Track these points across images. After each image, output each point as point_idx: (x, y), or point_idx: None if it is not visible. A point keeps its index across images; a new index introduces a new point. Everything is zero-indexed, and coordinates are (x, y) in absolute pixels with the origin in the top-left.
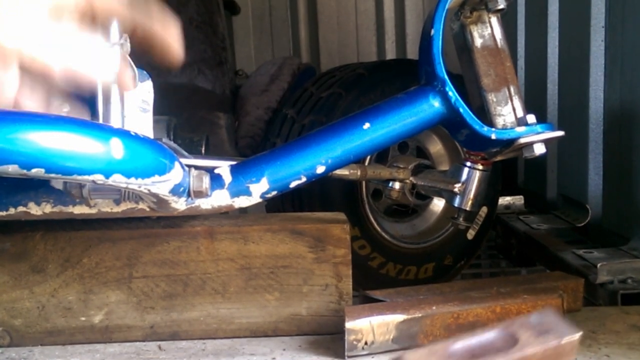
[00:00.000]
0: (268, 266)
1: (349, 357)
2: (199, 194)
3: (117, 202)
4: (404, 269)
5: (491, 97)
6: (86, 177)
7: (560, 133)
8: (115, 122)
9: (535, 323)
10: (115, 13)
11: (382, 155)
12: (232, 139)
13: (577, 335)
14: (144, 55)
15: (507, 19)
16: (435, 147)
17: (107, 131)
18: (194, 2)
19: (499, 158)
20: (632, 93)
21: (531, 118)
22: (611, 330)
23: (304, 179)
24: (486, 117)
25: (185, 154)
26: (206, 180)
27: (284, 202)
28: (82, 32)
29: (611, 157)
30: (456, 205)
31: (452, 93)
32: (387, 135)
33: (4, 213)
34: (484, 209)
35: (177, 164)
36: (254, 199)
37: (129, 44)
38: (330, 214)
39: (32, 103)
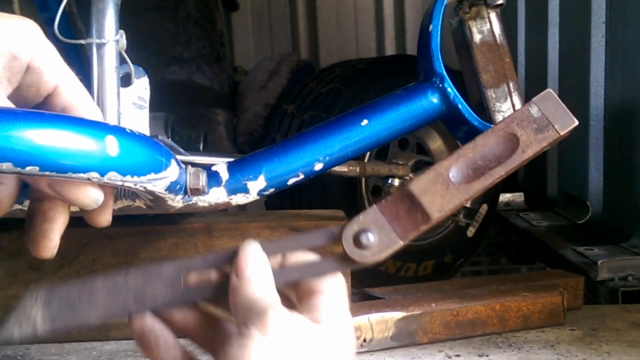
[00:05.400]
0: None
1: None
2: (196, 192)
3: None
4: (403, 266)
5: (490, 93)
6: (81, 174)
7: None
8: (110, 119)
9: (535, 115)
10: None
11: (382, 151)
12: (230, 135)
13: (575, 124)
14: None
15: (507, 15)
16: (436, 143)
17: (102, 128)
18: None
19: None
20: (632, 89)
21: None
22: (612, 328)
23: (301, 176)
24: (485, 113)
25: (182, 151)
26: (203, 177)
27: (283, 199)
28: None
29: (612, 154)
30: None
31: (451, 89)
32: (385, 132)
33: None
34: (484, 207)
35: (173, 161)
36: (252, 196)
37: (124, 40)
38: (328, 211)
39: None
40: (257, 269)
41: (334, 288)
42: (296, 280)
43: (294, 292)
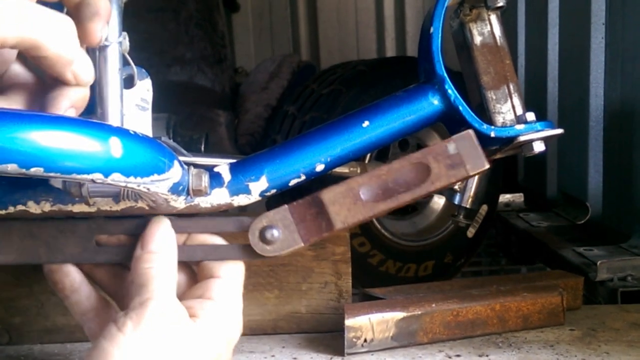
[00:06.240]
0: (267, 264)
1: (348, 354)
2: (198, 193)
3: (116, 201)
4: (403, 266)
5: (490, 95)
6: (85, 176)
7: (560, 131)
8: (114, 121)
9: (451, 152)
10: None
11: (383, 152)
12: (231, 136)
13: (486, 167)
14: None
15: (507, 17)
16: None
17: (106, 130)
18: (193, 0)
19: (498, 156)
20: (632, 90)
21: (531, 116)
22: (611, 328)
23: (303, 178)
24: (485, 115)
25: (184, 152)
26: (205, 178)
27: (284, 200)
28: None
29: (611, 155)
30: (456, 202)
31: (452, 91)
32: (386, 133)
33: (3, 212)
34: (484, 207)
35: (176, 162)
36: (254, 197)
37: (127, 42)
38: None
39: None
40: (161, 244)
41: (231, 274)
42: (199, 259)
43: (197, 270)
